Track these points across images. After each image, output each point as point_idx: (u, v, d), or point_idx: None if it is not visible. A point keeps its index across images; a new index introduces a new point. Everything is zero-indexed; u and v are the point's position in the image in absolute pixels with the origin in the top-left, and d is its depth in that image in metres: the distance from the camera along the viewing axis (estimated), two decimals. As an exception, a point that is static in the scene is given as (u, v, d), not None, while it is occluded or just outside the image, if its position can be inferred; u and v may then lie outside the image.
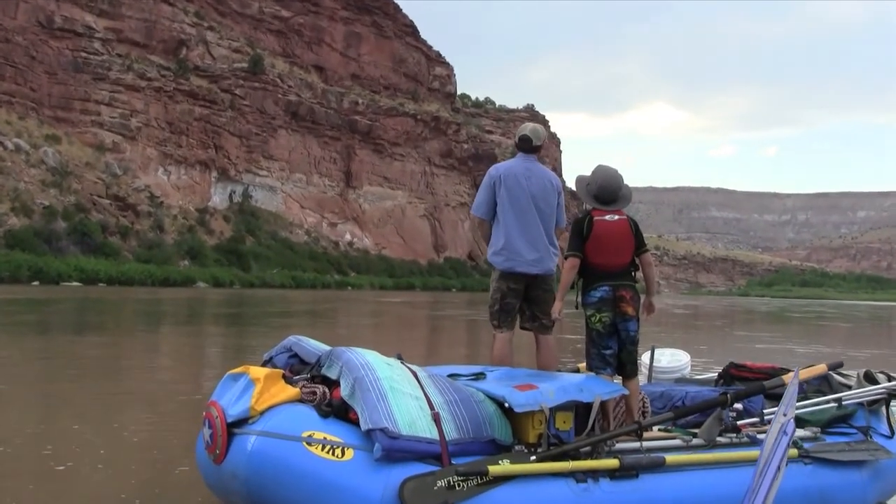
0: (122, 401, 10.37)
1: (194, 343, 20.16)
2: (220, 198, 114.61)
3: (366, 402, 4.58)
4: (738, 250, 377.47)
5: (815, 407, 6.08)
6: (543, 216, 6.82)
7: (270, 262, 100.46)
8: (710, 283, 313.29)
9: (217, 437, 4.66)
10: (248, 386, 4.78)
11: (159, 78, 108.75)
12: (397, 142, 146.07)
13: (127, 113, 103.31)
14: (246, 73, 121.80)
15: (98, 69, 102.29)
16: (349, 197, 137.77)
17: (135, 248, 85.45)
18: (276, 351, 5.51)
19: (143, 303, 40.45)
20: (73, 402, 10.17)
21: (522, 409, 4.87)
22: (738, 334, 32.37)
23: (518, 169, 6.86)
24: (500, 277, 6.75)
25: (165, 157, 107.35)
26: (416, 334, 26.57)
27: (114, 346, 18.33)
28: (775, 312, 64.12)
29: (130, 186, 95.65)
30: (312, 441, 4.49)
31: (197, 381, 12.56)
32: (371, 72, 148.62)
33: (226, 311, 36.81)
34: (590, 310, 6.04)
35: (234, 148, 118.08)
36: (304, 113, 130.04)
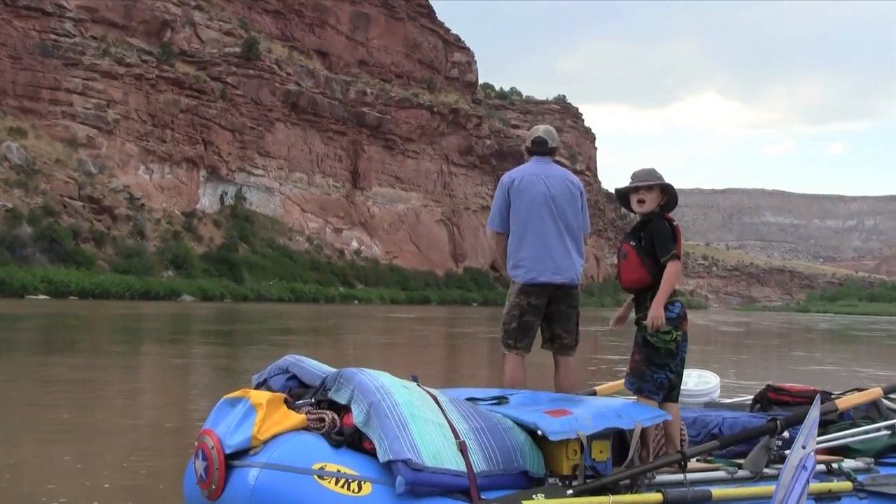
0: (97, 429, 10.57)
1: (179, 364, 20.37)
2: (210, 200, 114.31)
3: (385, 430, 4.58)
4: (796, 260, 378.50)
5: (865, 435, 6.13)
6: (566, 221, 6.93)
7: (266, 272, 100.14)
8: (764, 297, 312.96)
9: (213, 470, 4.65)
10: (248, 412, 4.79)
11: (140, 64, 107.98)
12: (411, 137, 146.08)
13: (103, 103, 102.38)
14: (239, 58, 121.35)
15: (70, 53, 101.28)
16: (356, 199, 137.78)
17: (111, 256, 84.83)
18: (269, 372, 5.48)
19: (120, 319, 40.81)
20: (40, 430, 10.41)
21: (557, 437, 4.89)
22: (795, 355, 32.20)
23: (534, 170, 6.94)
24: (519, 292, 6.81)
25: (147, 154, 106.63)
26: (430, 354, 26.82)
27: (87, 368, 18.42)
28: (838, 331, 64.16)
29: (107, 187, 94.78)
30: (325, 474, 4.50)
31: (182, 407, 12.96)
32: (381, 58, 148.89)
33: (215, 327, 37.06)
34: (668, 325, 5.89)
35: (226, 144, 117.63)
36: (304, 104, 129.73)
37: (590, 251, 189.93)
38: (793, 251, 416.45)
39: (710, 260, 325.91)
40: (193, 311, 56.54)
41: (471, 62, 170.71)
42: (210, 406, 5.10)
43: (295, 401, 5.04)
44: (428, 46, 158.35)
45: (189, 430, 10.06)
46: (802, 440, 4.79)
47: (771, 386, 7.31)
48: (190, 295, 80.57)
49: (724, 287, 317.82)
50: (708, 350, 30.28)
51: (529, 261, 6.79)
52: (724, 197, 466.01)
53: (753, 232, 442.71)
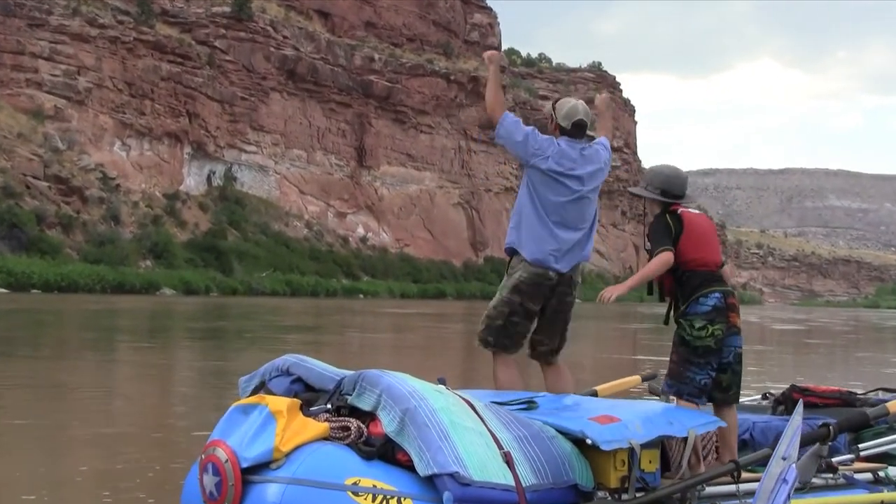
0: (68, 440, 10.56)
1: (159, 366, 20.52)
2: (196, 180, 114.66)
3: (424, 440, 4.65)
4: (864, 249, 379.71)
5: None
6: (591, 215, 7.27)
7: (259, 262, 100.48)
8: (827, 291, 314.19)
9: (227, 486, 4.61)
10: (267, 420, 4.76)
11: (115, 25, 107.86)
12: (424, 109, 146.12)
13: (73, 70, 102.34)
14: (228, 19, 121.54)
15: (35, 13, 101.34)
16: (362, 180, 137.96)
17: (81, 244, 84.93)
18: (265, 373, 5.45)
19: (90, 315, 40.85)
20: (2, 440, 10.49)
21: (609, 446, 5.02)
22: (860, 356, 32.56)
23: (572, 160, 7.12)
24: (518, 287, 6.98)
25: (124, 128, 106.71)
26: (446, 354, 27.47)
27: (53, 370, 18.58)
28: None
29: (77, 165, 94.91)
30: (359, 490, 4.55)
31: (166, 414, 12.92)
32: (391, 19, 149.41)
33: (200, 325, 37.45)
34: (700, 321, 6.16)
35: (214, 116, 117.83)
36: (303, 72, 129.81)
37: (628, 239, 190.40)
38: (861, 239, 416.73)
39: (766, 249, 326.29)
40: (175, 306, 56.83)
41: (493, 24, 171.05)
42: (195, 412, 5.65)
43: (307, 407, 5.03)
44: (444, 6, 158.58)
45: (176, 441, 10.36)
46: (784, 450, 4.91)
47: (795, 386, 7.61)
48: (171, 288, 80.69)
49: (781, 280, 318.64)
50: (759, 350, 30.09)
51: (547, 246, 6.98)
52: (782, 178, 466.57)
53: (816, 217, 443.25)
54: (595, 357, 25.21)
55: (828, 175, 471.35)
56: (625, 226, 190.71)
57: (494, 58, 7.42)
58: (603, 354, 26.90)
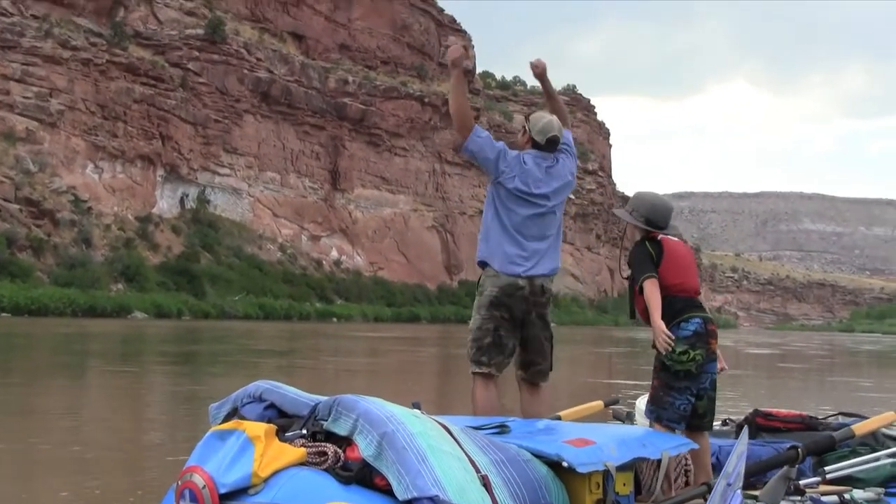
0: (43, 465, 10.44)
1: (130, 391, 20.46)
2: (169, 203, 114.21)
3: (404, 464, 4.64)
4: (839, 273, 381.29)
5: (869, 465, 6.52)
6: (556, 226, 7.44)
7: (232, 286, 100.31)
8: (802, 314, 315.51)
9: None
10: (244, 446, 4.76)
11: (88, 47, 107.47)
12: (399, 132, 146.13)
13: (45, 92, 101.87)
14: (202, 42, 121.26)
15: (7, 35, 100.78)
16: (336, 203, 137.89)
17: (51, 267, 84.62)
18: (236, 400, 5.44)
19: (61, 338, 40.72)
20: None
21: (586, 468, 5.04)
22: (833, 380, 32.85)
23: (537, 175, 7.23)
24: (494, 302, 7.03)
25: (96, 150, 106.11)
26: (421, 379, 27.40)
27: (22, 394, 18.55)
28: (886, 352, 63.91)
29: (48, 187, 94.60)
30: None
31: (139, 440, 12.79)
32: (365, 42, 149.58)
33: (172, 348, 37.23)
34: (681, 346, 6.23)
35: (187, 139, 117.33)
36: (277, 94, 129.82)
37: (603, 262, 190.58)
38: (835, 263, 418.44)
39: (741, 273, 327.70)
40: (146, 329, 56.72)
41: (468, 47, 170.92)
42: (168, 438, 5.74)
43: (282, 433, 5.01)
44: (419, 29, 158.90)
45: (150, 466, 10.31)
46: (730, 476, 4.95)
47: (759, 411, 7.71)
48: (142, 311, 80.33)
49: (756, 303, 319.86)
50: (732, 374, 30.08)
51: (512, 255, 7.09)
52: (757, 202, 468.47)
53: (790, 241, 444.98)
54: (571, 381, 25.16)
55: (802, 199, 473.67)
56: (599, 249, 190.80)
57: (457, 58, 7.37)
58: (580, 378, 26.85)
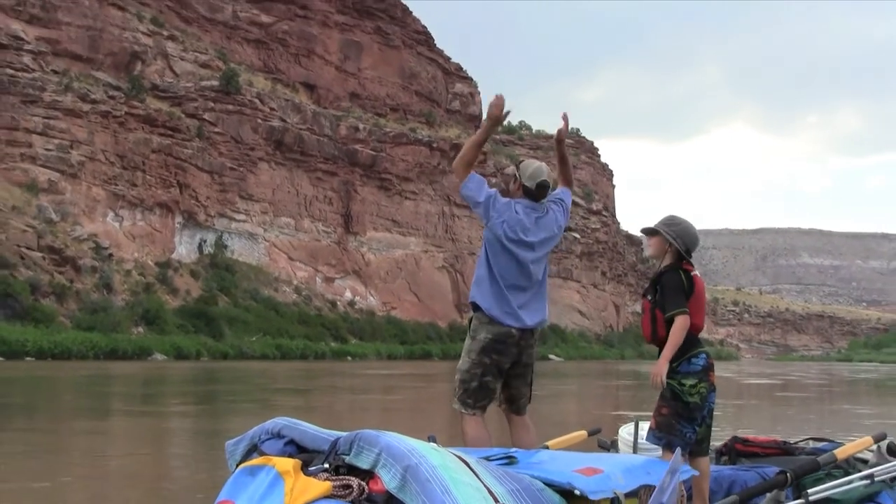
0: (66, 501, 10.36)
1: (153, 429, 20.19)
2: (187, 249, 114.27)
3: (428, 495, 4.65)
4: (837, 305, 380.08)
5: (845, 487, 6.60)
6: (541, 275, 7.48)
7: (249, 327, 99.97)
8: (802, 345, 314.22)
9: None
10: (274, 481, 4.78)
11: (107, 100, 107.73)
12: (408, 176, 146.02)
13: (66, 144, 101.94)
14: (217, 93, 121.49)
15: (29, 89, 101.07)
16: (349, 245, 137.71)
17: (74, 312, 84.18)
18: (255, 436, 5.46)
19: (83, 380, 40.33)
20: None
21: (597, 496, 5.06)
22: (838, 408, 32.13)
23: (526, 224, 7.38)
24: (485, 348, 7.19)
25: (116, 199, 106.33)
26: (434, 414, 27.19)
27: (48, 435, 18.20)
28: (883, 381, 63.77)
29: (70, 235, 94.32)
30: None
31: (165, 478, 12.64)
32: (374, 90, 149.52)
33: (192, 388, 37.12)
34: (692, 379, 6.38)
35: (204, 186, 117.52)
36: (290, 142, 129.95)
37: (608, 298, 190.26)
38: (833, 295, 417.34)
39: (742, 306, 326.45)
40: (166, 371, 56.36)
41: (474, 93, 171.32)
42: (194, 475, 5.66)
43: (305, 467, 5.03)
44: (426, 77, 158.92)
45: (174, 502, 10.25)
46: (665, 497, 5.00)
47: (737, 437, 7.81)
48: (162, 353, 79.91)
49: (757, 335, 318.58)
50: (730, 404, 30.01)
51: (500, 305, 7.21)
52: (757, 238, 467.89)
53: (789, 275, 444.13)
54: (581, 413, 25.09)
55: (800, 234, 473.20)
56: (605, 286, 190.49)
57: (499, 116, 7.63)
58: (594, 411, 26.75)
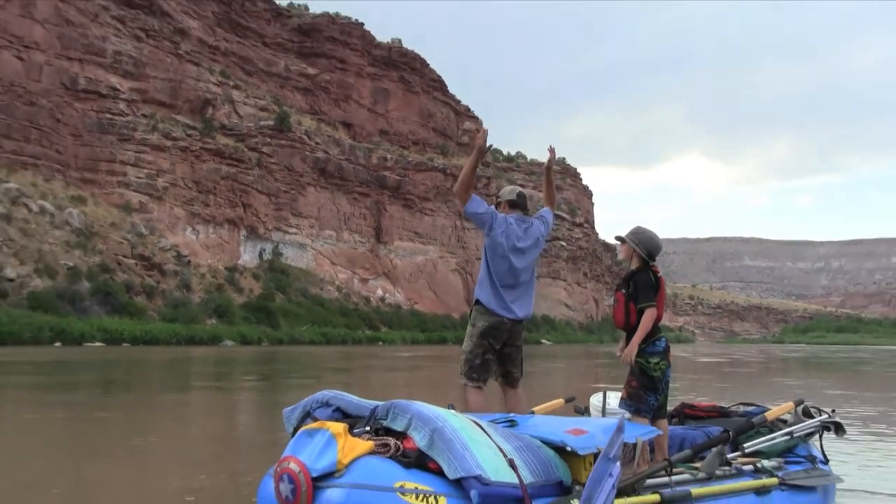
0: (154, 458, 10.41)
1: (225, 400, 20.18)
2: (250, 256, 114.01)
3: (452, 451, 4.74)
4: (771, 298, 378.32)
5: (770, 442, 6.74)
6: (530, 273, 7.52)
7: (300, 318, 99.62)
8: (744, 331, 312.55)
9: (301, 491, 4.67)
10: (329, 441, 4.83)
11: (185, 137, 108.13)
12: (427, 196, 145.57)
13: (153, 173, 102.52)
14: (273, 130, 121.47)
15: (123, 130, 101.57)
16: (380, 253, 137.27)
17: (160, 307, 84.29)
18: (308, 405, 5.48)
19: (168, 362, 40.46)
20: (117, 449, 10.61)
21: (584, 451, 5.13)
22: (771, 380, 31.53)
23: (516, 229, 7.42)
24: (483, 333, 7.26)
25: (193, 217, 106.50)
26: (449, 387, 26.19)
27: (142, 403, 18.42)
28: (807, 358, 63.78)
29: (157, 246, 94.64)
30: (405, 491, 4.60)
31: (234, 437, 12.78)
32: (399, 127, 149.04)
33: (255, 367, 36.60)
34: (655, 358, 6.51)
35: (263, 206, 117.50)
36: (332, 169, 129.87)
37: (589, 294, 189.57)
38: (769, 290, 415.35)
39: (696, 300, 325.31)
40: (234, 354, 55.88)
41: (480, 129, 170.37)
42: (258, 436, 5.18)
43: (351, 430, 5.08)
44: (441, 116, 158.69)
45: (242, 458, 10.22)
46: (611, 451, 4.91)
47: (685, 403, 7.75)
48: (231, 340, 79.63)
49: (708, 323, 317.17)
50: (699, 379, 29.72)
51: (496, 299, 7.31)
52: (708, 244, 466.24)
53: (734, 274, 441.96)
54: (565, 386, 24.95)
55: (743, 241, 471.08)
56: (586, 284, 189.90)
57: (482, 145, 7.51)
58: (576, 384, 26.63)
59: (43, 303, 70.12)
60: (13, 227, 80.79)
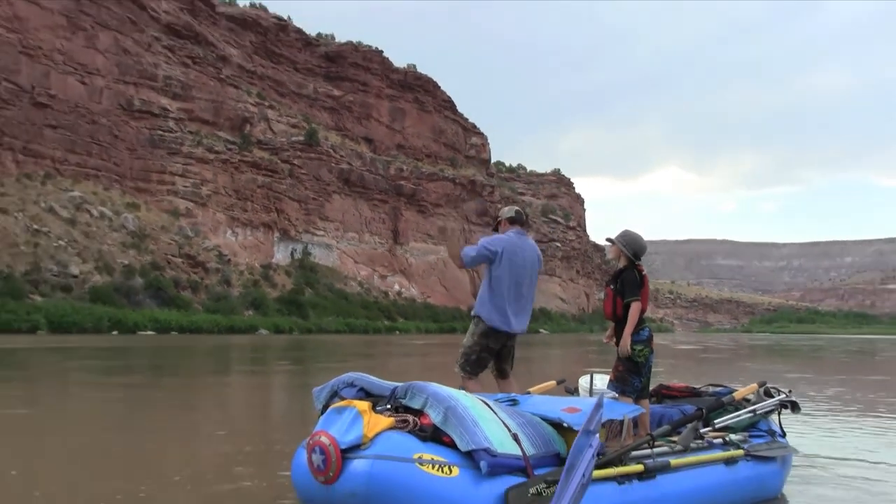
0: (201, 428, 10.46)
1: (262, 381, 19.96)
2: (283, 255, 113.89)
3: (464, 427, 4.76)
4: (741, 293, 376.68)
5: (738, 418, 6.77)
6: (530, 287, 7.35)
7: (327, 310, 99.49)
8: (717, 321, 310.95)
9: (331, 461, 4.68)
10: (356, 417, 4.84)
11: (226, 151, 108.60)
12: (438, 203, 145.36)
13: (198, 182, 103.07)
14: (303, 145, 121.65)
15: (172, 145, 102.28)
16: (397, 252, 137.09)
17: (204, 300, 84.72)
18: (335, 385, 5.45)
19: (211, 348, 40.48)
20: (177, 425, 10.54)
21: (579, 427, 4.99)
22: (744, 365, 30.90)
23: (516, 244, 7.24)
24: (483, 334, 7.21)
25: (233, 221, 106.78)
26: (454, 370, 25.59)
27: (187, 384, 18.36)
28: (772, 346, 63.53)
29: (201, 246, 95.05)
30: (423, 461, 4.63)
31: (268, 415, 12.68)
32: (414, 142, 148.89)
33: (288, 353, 36.39)
34: (639, 345, 6.44)
35: (294, 211, 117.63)
36: (355, 179, 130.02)
37: (581, 289, 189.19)
38: (739, 286, 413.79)
39: (675, 294, 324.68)
40: (268, 341, 55.75)
41: (485, 144, 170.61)
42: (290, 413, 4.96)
43: (374, 407, 5.07)
44: (451, 132, 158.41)
45: (277, 431, 10.13)
46: (590, 425, 4.86)
47: (662, 385, 7.65)
48: (265, 329, 79.57)
49: (685, 315, 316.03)
50: (678, 364, 29.59)
51: (500, 314, 7.17)
52: (686, 246, 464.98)
53: (708, 272, 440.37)
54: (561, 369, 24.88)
55: (716, 243, 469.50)
56: (578, 280, 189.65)
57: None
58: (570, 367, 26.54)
59: (102, 296, 70.67)
60: (77, 230, 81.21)
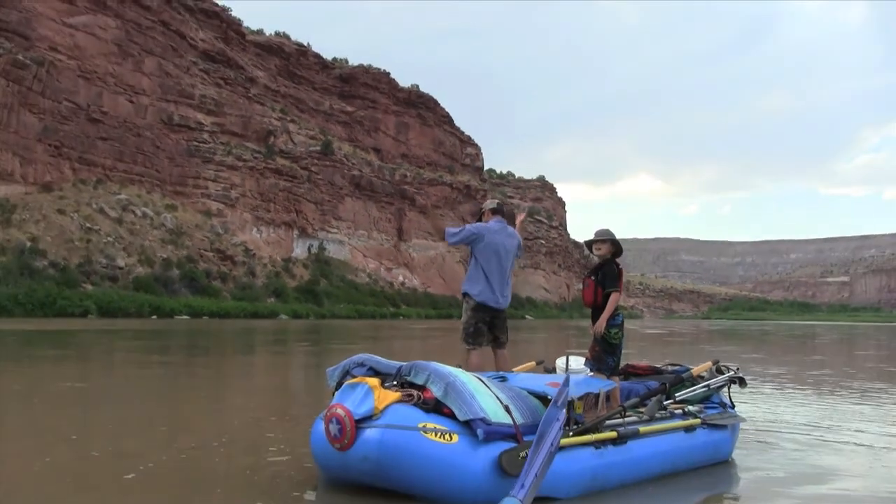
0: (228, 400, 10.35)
1: (282, 360, 19.97)
2: (301, 250, 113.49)
3: (462, 399, 4.82)
4: (701, 284, 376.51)
5: (693, 392, 6.81)
6: (510, 266, 7.33)
7: (339, 298, 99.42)
8: (680, 309, 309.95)
9: (346, 430, 4.72)
10: (368, 392, 4.87)
11: (252, 159, 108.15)
12: (438, 205, 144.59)
13: (228, 187, 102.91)
14: (319, 154, 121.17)
15: (206, 154, 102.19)
16: (401, 248, 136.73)
17: (232, 289, 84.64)
18: (347, 365, 5.45)
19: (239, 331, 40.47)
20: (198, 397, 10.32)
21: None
22: (702, 347, 30.94)
23: (497, 229, 7.28)
24: (474, 308, 7.18)
25: (258, 220, 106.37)
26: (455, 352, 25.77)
27: (219, 361, 18.42)
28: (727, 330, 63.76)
29: (230, 242, 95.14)
30: (427, 430, 4.69)
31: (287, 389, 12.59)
32: (416, 152, 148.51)
33: (305, 336, 36.50)
34: (614, 329, 6.48)
35: (311, 212, 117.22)
36: (365, 184, 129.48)
37: (563, 280, 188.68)
38: (700, 279, 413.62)
39: (644, 285, 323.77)
40: (288, 326, 56.02)
41: (479, 154, 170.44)
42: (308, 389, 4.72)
43: (382, 384, 5.10)
44: (449, 144, 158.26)
45: (296, 405, 9.95)
46: (559, 400, 4.90)
47: (629, 363, 7.57)
48: (285, 314, 79.55)
49: (653, 304, 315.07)
50: (647, 346, 29.59)
51: (487, 291, 7.16)
52: (654, 243, 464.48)
53: (673, 266, 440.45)
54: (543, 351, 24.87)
55: (680, 241, 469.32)
56: (560, 273, 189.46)
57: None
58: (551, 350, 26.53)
59: (143, 285, 70.88)
60: (123, 227, 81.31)
